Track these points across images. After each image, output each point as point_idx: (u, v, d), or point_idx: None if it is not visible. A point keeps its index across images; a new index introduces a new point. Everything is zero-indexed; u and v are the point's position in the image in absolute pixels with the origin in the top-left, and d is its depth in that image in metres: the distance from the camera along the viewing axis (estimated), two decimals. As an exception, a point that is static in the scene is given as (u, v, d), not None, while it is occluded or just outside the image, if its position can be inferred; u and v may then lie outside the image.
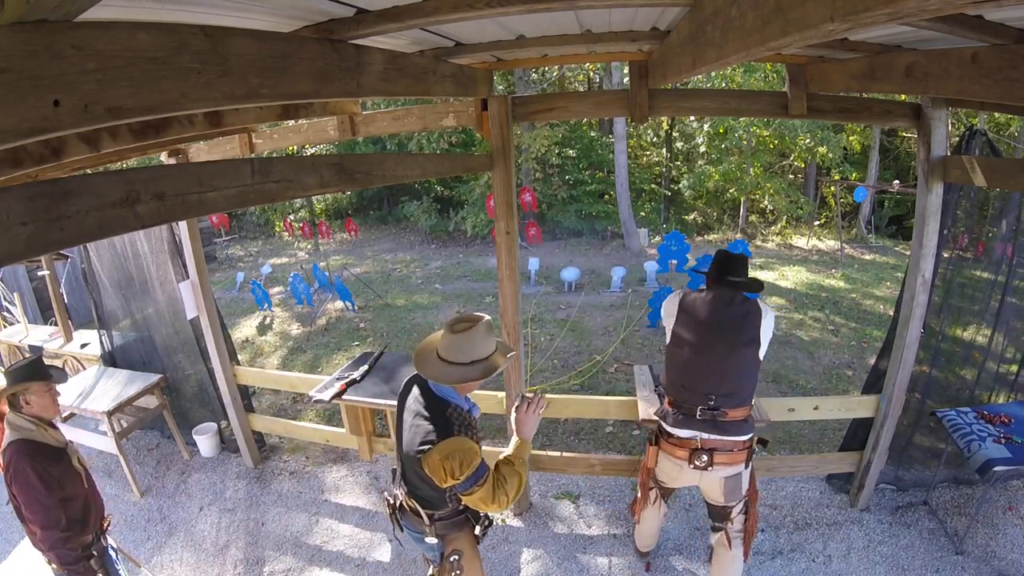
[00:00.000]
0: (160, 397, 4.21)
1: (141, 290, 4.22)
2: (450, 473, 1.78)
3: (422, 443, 1.84)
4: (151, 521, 3.69)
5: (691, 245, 8.34)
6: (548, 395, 3.93)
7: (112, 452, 3.94)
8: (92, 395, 4.01)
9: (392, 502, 2.15)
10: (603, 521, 3.44)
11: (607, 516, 3.48)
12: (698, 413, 2.38)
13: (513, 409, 2.05)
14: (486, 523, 2.17)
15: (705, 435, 2.38)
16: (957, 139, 2.92)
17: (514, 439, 2.02)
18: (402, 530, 2.15)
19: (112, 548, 2.50)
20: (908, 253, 3.31)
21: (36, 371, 2.27)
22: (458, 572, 2.05)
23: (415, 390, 1.99)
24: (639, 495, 2.82)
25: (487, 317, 1.95)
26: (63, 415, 4.20)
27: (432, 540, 2.06)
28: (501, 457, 1.98)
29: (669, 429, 2.49)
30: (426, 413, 1.89)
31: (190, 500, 3.88)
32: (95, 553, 2.35)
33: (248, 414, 4.12)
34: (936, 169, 2.66)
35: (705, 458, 2.38)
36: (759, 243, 12.54)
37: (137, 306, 4.31)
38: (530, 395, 2.05)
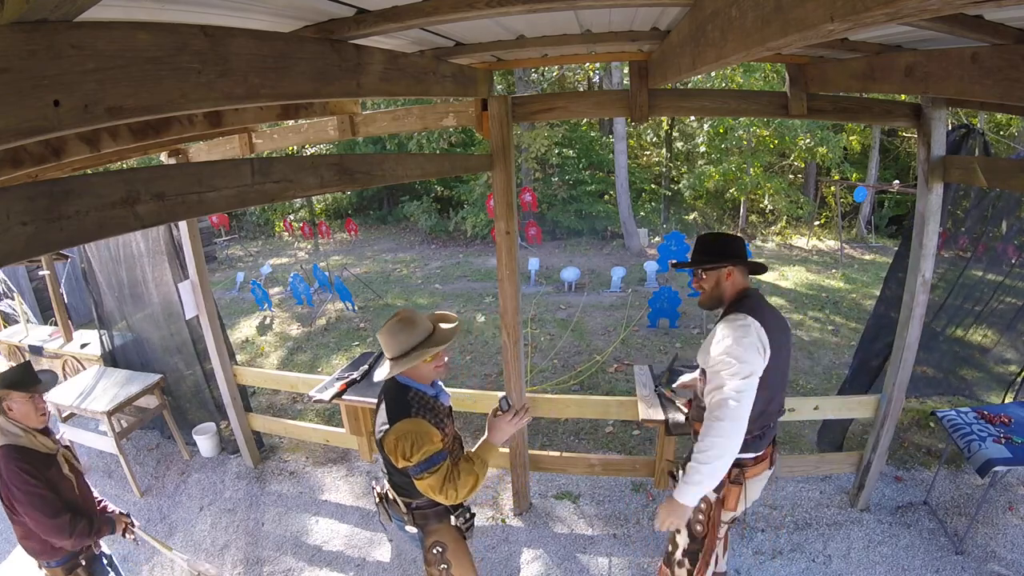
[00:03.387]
0: (160, 397, 4.21)
1: (136, 292, 4.22)
2: (402, 454, 1.80)
3: (381, 424, 1.92)
4: (151, 521, 3.69)
5: (691, 245, 8.35)
6: (548, 395, 3.94)
7: (112, 452, 3.94)
8: (92, 395, 4.01)
9: (380, 491, 2.19)
10: (603, 521, 3.44)
11: (607, 516, 3.48)
12: (774, 423, 2.18)
13: (493, 411, 2.05)
14: (467, 515, 2.13)
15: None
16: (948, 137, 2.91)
17: (483, 439, 2.02)
18: (390, 519, 2.18)
19: (104, 555, 2.47)
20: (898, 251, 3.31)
21: (19, 378, 2.19)
22: (445, 566, 2.04)
23: (386, 383, 2.05)
24: (703, 560, 2.19)
25: (407, 312, 2.00)
26: (63, 415, 4.20)
27: (412, 530, 2.08)
28: (464, 452, 2.00)
29: (752, 456, 2.11)
30: (389, 398, 1.96)
31: (190, 500, 3.88)
32: (83, 562, 2.32)
33: (247, 414, 4.12)
34: (936, 169, 2.66)
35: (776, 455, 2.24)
36: (759, 243, 12.54)
37: (133, 308, 4.31)
38: (507, 405, 2.05)
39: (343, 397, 3.45)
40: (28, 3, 0.69)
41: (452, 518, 2.09)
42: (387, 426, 1.87)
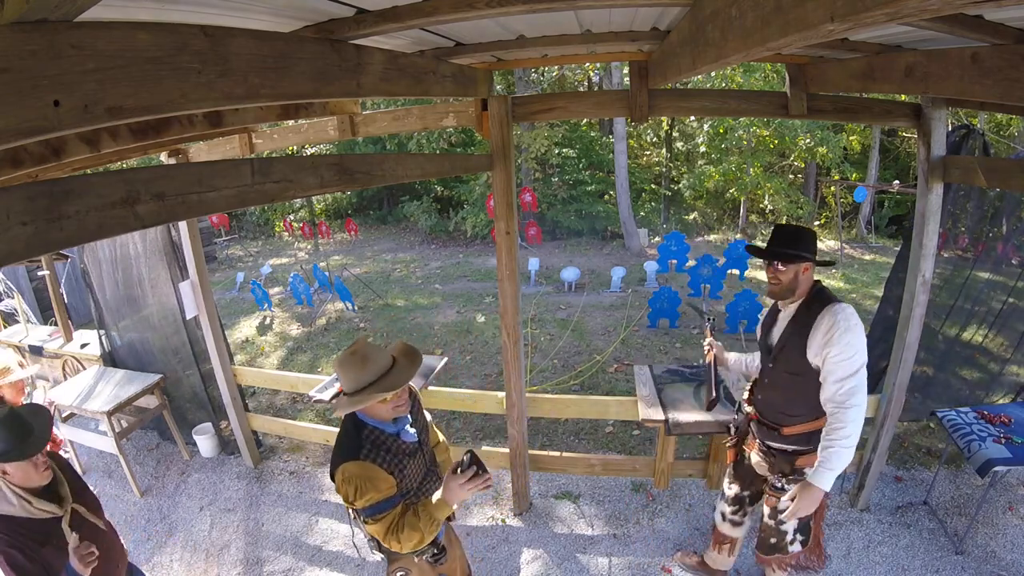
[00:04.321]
0: (160, 397, 4.21)
1: (132, 294, 4.21)
2: (346, 497, 1.72)
3: (332, 462, 1.80)
4: (151, 521, 3.69)
5: (691, 245, 8.34)
6: (548, 395, 3.94)
7: (112, 452, 3.94)
8: (92, 395, 4.01)
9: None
10: (603, 521, 3.44)
11: (607, 516, 3.48)
12: None
13: (452, 467, 1.78)
14: (434, 551, 1.95)
15: None
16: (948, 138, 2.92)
17: (437, 494, 1.78)
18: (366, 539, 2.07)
19: None
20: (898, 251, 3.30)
21: (11, 442, 1.73)
22: None
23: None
24: (816, 526, 2.33)
25: (363, 345, 1.79)
26: (63, 415, 4.20)
27: (377, 556, 1.98)
28: (420, 503, 1.81)
29: None
30: (343, 432, 1.84)
31: (190, 500, 3.88)
32: None
33: (247, 414, 4.12)
34: (936, 169, 2.66)
35: None
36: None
37: (130, 309, 4.31)
38: (467, 459, 1.76)
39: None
40: (28, 3, 0.69)
41: (417, 558, 1.95)
42: (335, 467, 1.76)
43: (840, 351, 1.95)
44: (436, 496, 1.78)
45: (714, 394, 2.63)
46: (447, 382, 5.37)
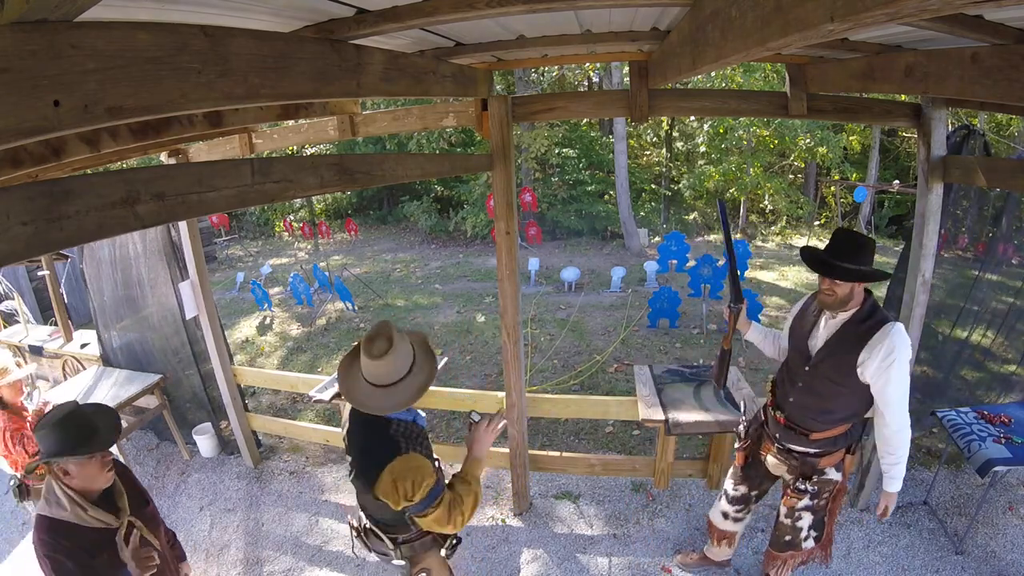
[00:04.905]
0: (160, 397, 4.21)
1: (131, 294, 4.21)
2: (404, 495, 1.67)
3: (371, 468, 1.72)
4: (151, 521, 3.69)
5: (691, 245, 8.34)
6: (548, 395, 3.94)
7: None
8: (92, 395, 4.01)
9: (357, 524, 2.05)
10: (603, 521, 3.44)
11: (607, 516, 3.48)
12: None
13: (468, 427, 1.95)
14: (454, 542, 2.04)
15: None
16: (949, 135, 2.91)
17: (467, 457, 1.92)
18: (370, 551, 2.04)
19: None
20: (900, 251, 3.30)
21: (70, 438, 1.66)
22: None
23: (357, 416, 1.85)
24: (829, 521, 2.41)
25: (392, 325, 1.76)
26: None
27: (400, 562, 1.97)
28: (454, 475, 1.88)
29: None
30: (368, 434, 1.77)
31: (190, 500, 3.88)
32: None
33: (247, 414, 4.12)
34: (936, 169, 2.65)
35: None
36: (759, 243, 12.54)
37: (128, 309, 4.31)
38: (478, 416, 1.96)
39: (343, 397, 3.45)
40: (28, 3, 0.69)
41: (443, 550, 2.00)
42: (378, 470, 1.69)
43: (899, 374, 1.95)
44: (466, 459, 1.90)
45: (722, 380, 2.56)
46: (447, 382, 5.37)
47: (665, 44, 2.18)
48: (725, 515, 2.66)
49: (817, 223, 13.68)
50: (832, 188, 12.84)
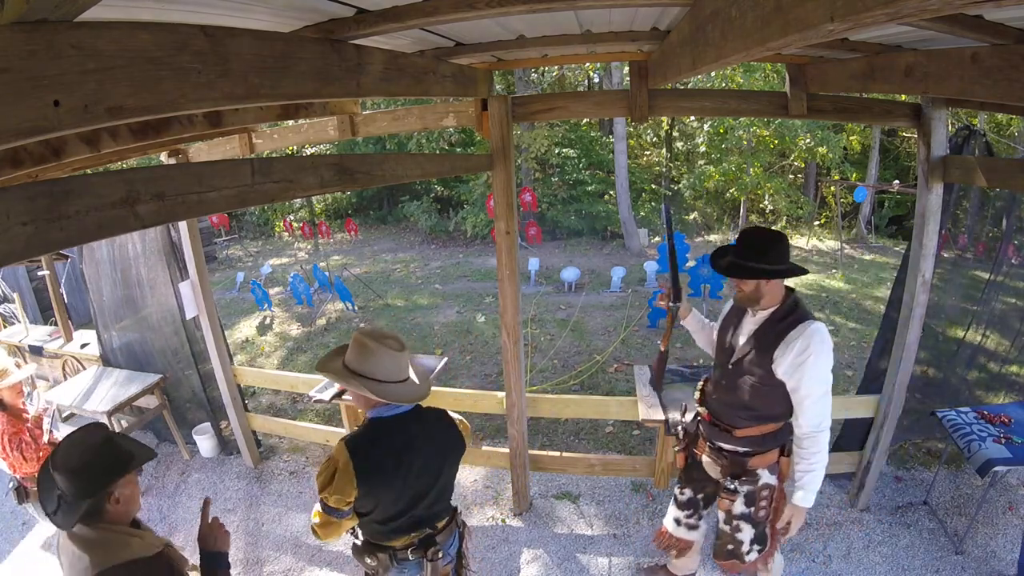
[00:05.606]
0: (160, 397, 4.21)
1: (131, 294, 4.21)
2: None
3: (457, 442, 1.91)
4: (151, 521, 3.68)
5: (691, 245, 8.35)
6: (548, 395, 3.93)
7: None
8: (92, 395, 4.01)
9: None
10: (603, 521, 3.44)
11: (607, 516, 3.48)
12: None
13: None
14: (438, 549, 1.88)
15: None
16: (951, 138, 2.91)
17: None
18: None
19: None
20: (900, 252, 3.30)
21: (119, 456, 1.57)
22: None
23: (416, 414, 1.80)
24: (772, 535, 2.30)
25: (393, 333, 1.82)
26: (63, 415, 4.20)
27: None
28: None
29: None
30: (435, 423, 1.86)
31: (190, 500, 3.88)
32: None
33: (247, 414, 4.12)
34: (936, 169, 2.65)
35: None
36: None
37: (127, 310, 4.31)
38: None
39: (343, 397, 3.46)
40: (28, 3, 0.69)
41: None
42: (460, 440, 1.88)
43: (814, 376, 1.91)
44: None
45: (659, 383, 2.65)
46: (447, 382, 5.36)
47: (665, 44, 2.18)
48: (678, 521, 2.55)
49: (817, 223, 13.68)
50: (832, 188, 12.83)
